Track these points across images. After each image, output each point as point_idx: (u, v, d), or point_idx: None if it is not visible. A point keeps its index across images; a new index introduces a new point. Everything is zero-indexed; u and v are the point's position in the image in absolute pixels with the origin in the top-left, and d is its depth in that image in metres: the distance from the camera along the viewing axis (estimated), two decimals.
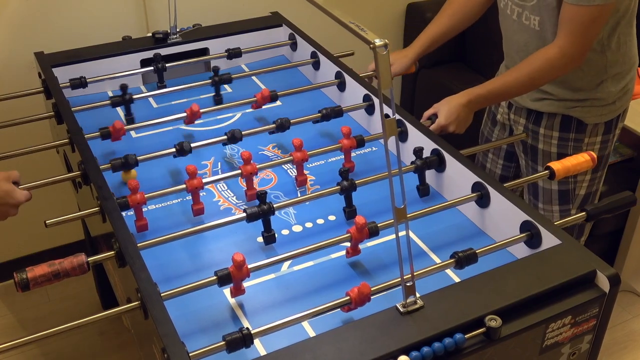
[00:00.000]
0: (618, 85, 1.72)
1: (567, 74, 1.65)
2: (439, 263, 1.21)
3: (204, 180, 1.41)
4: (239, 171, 1.45)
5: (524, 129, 1.83)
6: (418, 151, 1.48)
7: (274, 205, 1.33)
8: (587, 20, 1.51)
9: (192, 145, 1.53)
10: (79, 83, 1.81)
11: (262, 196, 1.32)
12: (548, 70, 1.58)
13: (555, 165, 1.41)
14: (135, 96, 1.77)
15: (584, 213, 1.32)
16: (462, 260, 1.19)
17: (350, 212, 1.42)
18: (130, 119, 1.76)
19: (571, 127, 1.75)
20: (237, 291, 1.19)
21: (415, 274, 1.06)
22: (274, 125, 1.62)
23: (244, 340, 1.04)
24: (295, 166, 1.52)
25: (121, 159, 1.48)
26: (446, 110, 1.63)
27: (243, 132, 1.57)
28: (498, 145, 1.94)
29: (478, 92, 1.65)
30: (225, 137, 1.57)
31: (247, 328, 1.05)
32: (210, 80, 1.84)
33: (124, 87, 1.75)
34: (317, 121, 1.68)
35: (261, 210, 1.32)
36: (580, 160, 1.42)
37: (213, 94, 1.86)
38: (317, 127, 1.70)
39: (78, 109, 1.68)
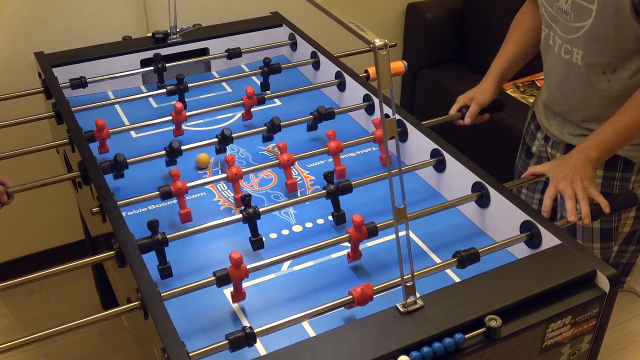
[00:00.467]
0: None
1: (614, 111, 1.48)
2: (440, 263, 1.21)
3: (204, 180, 1.42)
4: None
5: None
6: (329, 175, 1.39)
7: (274, 206, 1.33)
8: None
9: (183, 147, 1.52)
10: (79, 83, 1.81)
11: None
12: None
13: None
14: (135, 96, 1.78)
15: None
16: (465, 259, 1.19)
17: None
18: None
19: (618, 166, 1.60)
20: (238, 295, 1.19)
21: (415, 274, 1.06)
22: (265, 127, 1.61)
23: (246, 339, 1.04)
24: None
25: (110, 161, 1.47)
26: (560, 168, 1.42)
27: (234, 135, 1.56)
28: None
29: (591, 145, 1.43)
30: (215, 139, 1.56)
31: (250, 327, 1.05)
32: (260, 70, 1.88)
33: (180, 78, 1.77)
34: (311, 125, 1.66)
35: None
36: None
37: (261, 82, 1.91)
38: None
39: (78, 109, 1.68)
